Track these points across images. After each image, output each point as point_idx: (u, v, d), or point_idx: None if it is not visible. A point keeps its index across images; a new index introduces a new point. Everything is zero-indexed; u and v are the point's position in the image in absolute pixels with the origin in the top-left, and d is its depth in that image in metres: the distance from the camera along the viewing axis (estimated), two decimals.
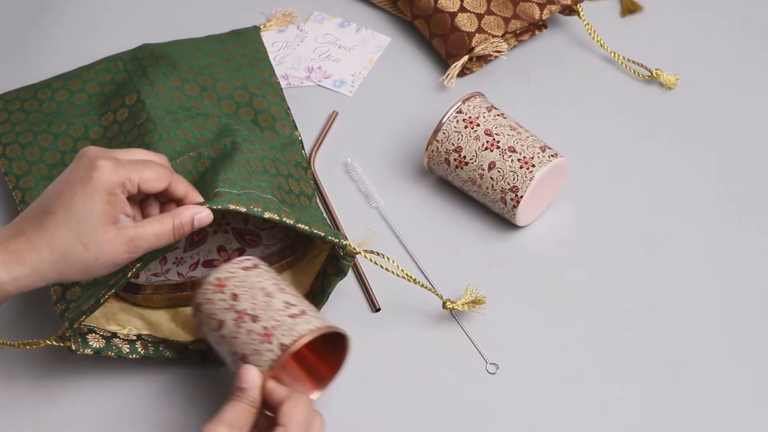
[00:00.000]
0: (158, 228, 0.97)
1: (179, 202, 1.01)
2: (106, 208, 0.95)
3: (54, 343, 1.03)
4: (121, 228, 0.96)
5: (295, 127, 1.22)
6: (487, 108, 1.17)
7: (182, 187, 1.00)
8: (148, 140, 1.14)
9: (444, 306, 1.11)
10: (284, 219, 1.03)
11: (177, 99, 1.19)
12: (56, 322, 1.10)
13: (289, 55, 1.34)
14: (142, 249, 0.97)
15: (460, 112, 1.17)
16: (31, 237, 0.95)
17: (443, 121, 1.17)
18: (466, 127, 1.16)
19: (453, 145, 1.16)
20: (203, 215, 0.99)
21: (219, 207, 1.00)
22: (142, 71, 1.22)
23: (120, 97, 1.20)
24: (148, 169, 0.98)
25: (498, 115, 1.17)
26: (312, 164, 1.24)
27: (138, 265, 0.99)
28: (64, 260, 0.95)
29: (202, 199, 1.01)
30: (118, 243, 0.95)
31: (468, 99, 1.18)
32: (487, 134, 1.15)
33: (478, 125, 1.16)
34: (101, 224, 0.95)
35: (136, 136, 1.16)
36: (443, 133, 1.17)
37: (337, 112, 1.28)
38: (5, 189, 1.22)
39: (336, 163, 1.25)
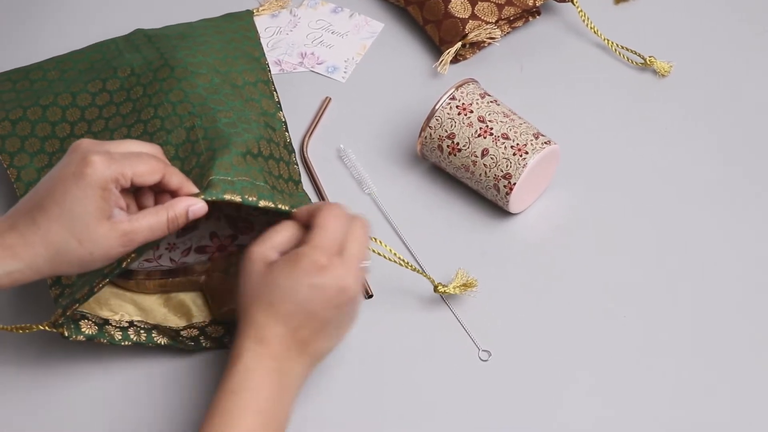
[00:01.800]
0: (153, 221, 0.96)
1: (173, 193, 1.00)
2: (99, 204, 0.94)
3: (47, 328, 1.03)
4: (116, 222, 0.95)
5: (280, 108, 1.21)
6: (480, 95, 1.17)
7: (176, 179, 0.99)
8: (144, 116, 1.13)
9: (435, 290, 1.11)
10: (279, 206, 1.03)
11: (169, 57, 1.18)
12: (51, 306, 1.09)
13: (282, 40, 1.33)
14: (137, 242, 0.96)
15: (453, 98, 1.16)
16: (25, 232, 0.94)
17: (436, 107, 1.16)
18: (459, 113, 1.16)
19: (446, 131, 1.16)
20: (197, 207, 0.99)
21: (214, 198, 1.00)
22: (134, 49, 1.22)
23: (111, 68, 1.20)
24: (142, 162, 0.97)
25: (491, 101, 1.17)
26: (305, 150, 1.24)
27: (132, 255, 0.99)
28: (59, 256, 0.94)
29: (196, 190, 1.00)
30: (113, 238, 0.95)
31: (461, 85, 1.17)
32: (480, 121, 1.15)
33: (472, 112, 1.16)
34: (95, 220, 0.94)
35: (132, 110, 1.15)
36: (436, 119, 1.16)
37: (330, 98, 1.28)
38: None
39: (329, 149, 1.25)
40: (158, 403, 1.08)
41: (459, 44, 1.28)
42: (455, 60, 1.31)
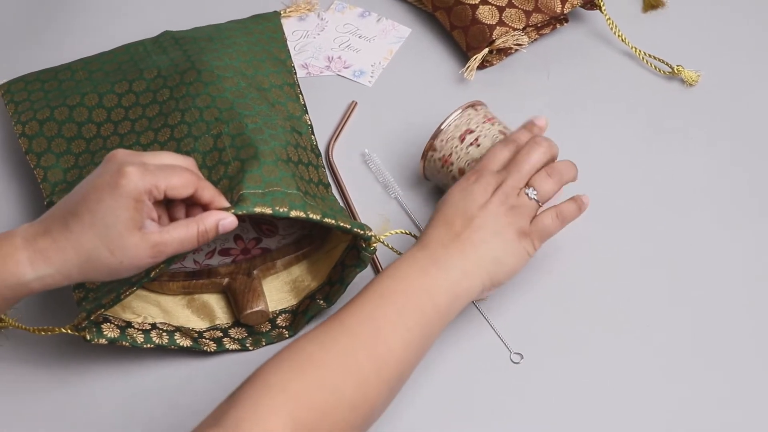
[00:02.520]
0: (183, 234, 0.97)
1: (205, 206, 1.00)
2: (132, 214, 0.95)
3: (69, 331, 1.04)
4: (147, 234, 0.95)
5: (306, 112, 1.21)
6: (484, 118, 1.16)
7: (208, 192, 0.99)
8: (171, 120, 1.13)
9: None
10: (311, 215, 1.03)
11: (195, 59, 1.18)
12: (73, 307, 1.10)
13: (310, 44, 1.33)
14: (166, 254, 0.97)
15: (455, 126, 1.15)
16: (58, 237, 0.95)
17: (440, 131, 1.15)
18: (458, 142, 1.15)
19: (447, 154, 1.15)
20: (227, 221, 0.99)
21: (244, 212, 1.00)
22: (162, 51, 1.22)
23: (137, 69, 1.20)
24: (176, 175, 0.97)
25: (494, 124, 1.15)
26: (330, 154, 1.24)
27: (161, 266, 0.99)
28: (89, 263, 0.95)
29: (227, 204, 1.00)
30: (143, 248, 0.95)
31: (468, 107, 1.16)
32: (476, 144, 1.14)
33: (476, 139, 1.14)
34: (127, 230, 0.95)
35: (158, 113, 1.15)
36: (440, 141, 1.15)
37: (356, 102, 1.28)
38: (28, 171, 1.23)
39: (355, 153, 1.25)
40: (179, 404, 1.08)
41: (486, 50, 1.28)
42: (482, 66, 1.30)
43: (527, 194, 1.06)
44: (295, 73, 1.24)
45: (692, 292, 1.13)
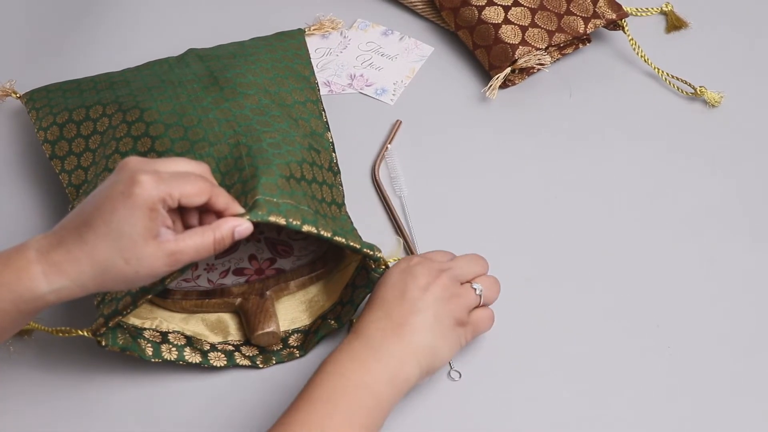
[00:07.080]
0: (198, 241, 0.97)
1: (219, 213, 1.00)
2: (146, 224, 0.94)
3: (87, 334, 1.04)
4: (162, 242, 0.95)
5: (328, 129, 1.21)
6: None
7: (222, 200, 0.99)
8: (187, 122, 1.13)
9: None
10: (322, 232, 1.03)
11: (219, 76, 1.19)
12: (91, 310, 1.10)
13: (332, 61, 1.34)
14: (183, 262, 0.97)
15: None
16: (72, 249, 0.95)
17: None
18: None
19: None
20: (243, 228, 0.99)
21: (259, 220, 1.00)
22: (185, 65, 1.23)
23: (159, 80, 1.20)
24: (189, 183, 0.97)
25: None
26: (377, 173, 1.23)
27: (176, 273, 1.00)
28: (105, 274, 0.95)
29: (242, 211, 1.00)
30: (159, 257, 0.95)
31: None
32: None
33: None
34: (142, 239, 0.94)
35: (172, 111, 1.16)
36: None
37: (400, 121, 1.27)
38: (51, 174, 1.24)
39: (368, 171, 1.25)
40: (186, 419, 1.09)
41: (508, 69, 1.28)
42: (504, 85, 1.30)
43: (474, 288, 1.05)
44: (318, 90, 1.24)
45: (712, 316, 1.13)
